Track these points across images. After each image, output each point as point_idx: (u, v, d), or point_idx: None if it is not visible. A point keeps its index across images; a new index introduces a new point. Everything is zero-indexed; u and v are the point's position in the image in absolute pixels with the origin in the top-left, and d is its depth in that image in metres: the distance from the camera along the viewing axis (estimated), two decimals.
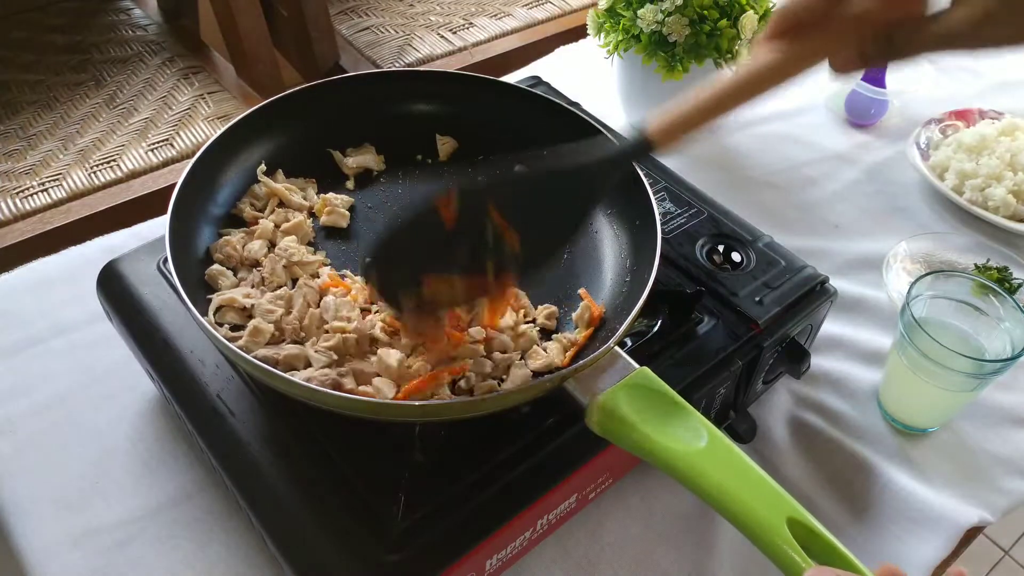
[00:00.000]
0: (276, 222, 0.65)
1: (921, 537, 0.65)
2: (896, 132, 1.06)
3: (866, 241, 0.91)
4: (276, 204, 0.67)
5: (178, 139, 1.27)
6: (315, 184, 0.70)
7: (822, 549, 0.42)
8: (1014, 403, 0.75)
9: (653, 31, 0.88)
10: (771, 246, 0.70)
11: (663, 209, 0.73)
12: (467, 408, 0.50)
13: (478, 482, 0.53)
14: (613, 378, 0.50)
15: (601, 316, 0.60)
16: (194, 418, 0.58)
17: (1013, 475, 0.70)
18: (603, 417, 0.48)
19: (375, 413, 0.49)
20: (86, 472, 0.65)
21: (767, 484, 0.44)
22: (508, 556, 0.56)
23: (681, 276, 0.67)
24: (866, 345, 0.79)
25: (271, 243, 0.64)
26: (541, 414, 0.56)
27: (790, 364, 0.67)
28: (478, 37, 1.54)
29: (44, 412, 0.69)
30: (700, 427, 0.47)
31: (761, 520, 0.43)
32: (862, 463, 0.69)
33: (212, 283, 0.60)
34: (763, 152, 1.03)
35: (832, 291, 0.68)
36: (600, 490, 0.62)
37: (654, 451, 0.46)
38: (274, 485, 0.54)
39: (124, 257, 0.67)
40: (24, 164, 1.21)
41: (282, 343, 0.57)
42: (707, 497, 0.44)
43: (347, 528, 0.51)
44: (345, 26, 1.56)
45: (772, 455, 0.70)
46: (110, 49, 1.46)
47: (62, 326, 0.76)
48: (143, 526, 0.62)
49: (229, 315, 0.58)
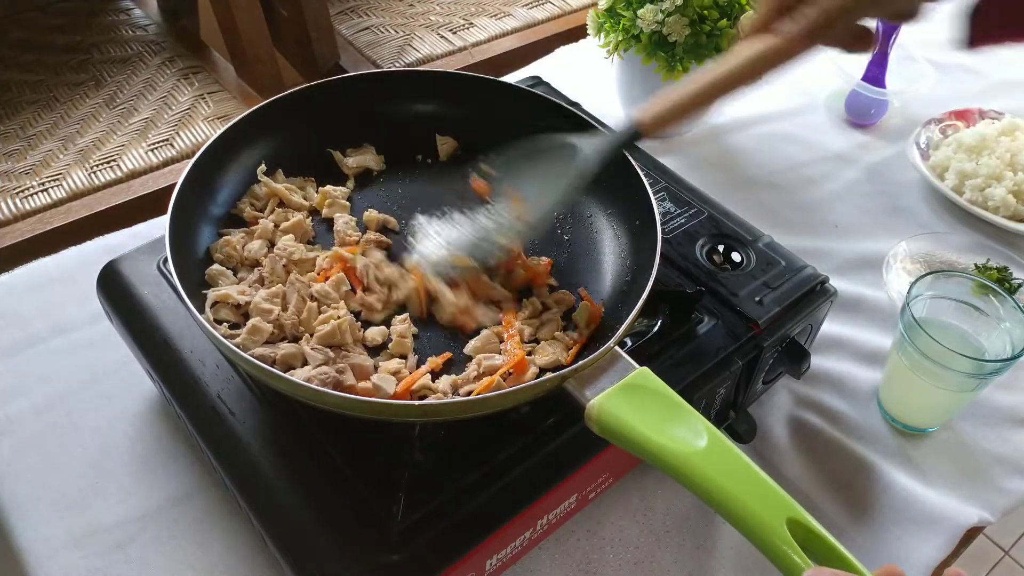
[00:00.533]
0: (276, 222, 0.65)
1: (921, 537, 0.65)
2: (896, 132, 1.06)
3: (866, 241, 0.91)
4: (276, 204, 0.67)
5: (178, 139, 1.27)
6: (315, 183, 0.70)
7: (821, 549, 0.42)
8: (1014, 403, 0.75)
9: (653, 31, 0.88)
10: (771, 246, 0.70)
11: (663, 209, 0.73)
12: (466, 408, 0.50)
13: (478, 482, 0.53)
14: (613, 378, 0.50)
15: (600, 316, 0.60)
16: (194, 418, 0.58)
17: (1013, 475, 0.70)
18: (603, 417, 0.48)
19: (374, 413, 0.49)
20: (86, 472, 0.65)
21: (767, 484, 0.44)
22: (508, 556, 0.56)
23: (681, 276, 0.67)
24: (866, 345, 0.79)
25: (271, 243, 0.64)
26: (541, 414, 0.56)
27: (790, 364, 0.67)
28: (478, 37, 1.54)
29: (44, 412, 0.69)
30: (700, 427, 0.47)
31: (760, 520, 0.43)
32: (862, 463, 0.69)
33: (212, 283, 0.60)
34: (763, 152, 1.03)
35: (832, 291, 0.68)
36: (600, 490, 0.62)
37: (653, 451, 0.46)
38: (274, 485, 0.54)
39: (124, 257, 0.67)
40: (24, 164, 1.21)
41: (281, 341, 0.57)
42: (706, 498, 0.44)
43: (347, 528, 0.51)
44: (345, 26, 1.56)
45: (772, 455, 0.70)
46: (110, 49, 1.46)
47: (62, 326, 0.76)
48: (143, 526, 0.62)
49: (224, 312, 0.58)
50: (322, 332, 0.56)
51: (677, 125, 0.53)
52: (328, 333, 0.56)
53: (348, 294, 0.60)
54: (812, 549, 0.42)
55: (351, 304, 0.60)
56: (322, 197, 0.67)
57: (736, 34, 0.88)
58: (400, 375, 0.56)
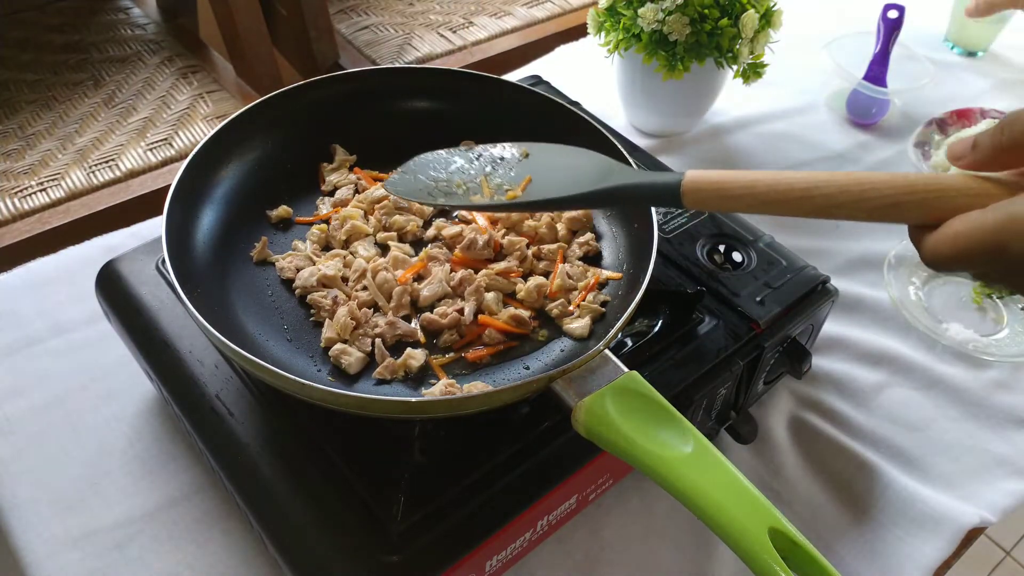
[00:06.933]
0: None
1: (922, 538, 0.65)
2: (897, 132, 1.06)
3: (867, 241, 0.90)
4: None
5: (177, 138, 1.27)
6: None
7: (804, 561, 0.42)
8: (1014, 403, 0.75)
9: (654, 30, 0.88)
10: (772, 246, 0.70)
11: (664, 209, 0.73)
12: (454, 406, 0.50)
13: (478, 483, 0.53)
14: (601, 381, 0.50)
15: (597, 280, 0.63)
16: (193, 418, 0.58)
17: (1014, 475, 0.70)
18: (589, 420, 0.48)
19: (362, 408, 0.49)
20: (85, 472, 0.65)
21: (750, 493, 0.44)
22: (508, 557, 0.56)
23: (682, 276, 0.67)
24: (867, 345, 0.79)
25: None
26: (541, 414, 0.56)
27: (791, 364, 0.67)
28: (478, 36, 1.53)
29: (43, 412, 0.69)
30: (687, 433, 0.46)
31: (742, 529, 0.42)
32: (863, 464, 0.69)
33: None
34: (764, 151, 1.02)
35: (833, 291, 0.68)
36: (600, 491, 0.62)
37: (638, 455, 0.46)
38: (273, 485, 0.53)
39: (123, 257, 0.67)
40: (23, 164, 1.21)
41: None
42: (689, 504, 0.44)
43: (347, 528, 0.51)
44: (344, 25, 1.56)
45: (773, 455, 0.70)
46: (109, 48, 1.46)
47: (61, 326, 0.76)
48: (142, 527, 0.62)
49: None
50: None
51: (728, 209, 0.46)
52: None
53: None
54: (794, 560, 0.42)
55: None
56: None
57: (736, 33, 0.87)
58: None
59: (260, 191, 0.67)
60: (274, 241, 0.66)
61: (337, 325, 0.58)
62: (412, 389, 0.56)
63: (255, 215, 0.67)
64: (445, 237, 0.66)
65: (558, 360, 0.58)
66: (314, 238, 0.65)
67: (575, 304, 0.61)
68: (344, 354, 0.57)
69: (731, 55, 0.89)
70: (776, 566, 0.41)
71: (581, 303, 0.61)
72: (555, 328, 0.61)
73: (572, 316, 0.61)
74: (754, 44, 0.90)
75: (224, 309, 0.59)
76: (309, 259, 0.64)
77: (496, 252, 0.65)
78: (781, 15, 0.91)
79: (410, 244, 0.66)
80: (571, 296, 0.62)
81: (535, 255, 0.65)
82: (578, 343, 0.59)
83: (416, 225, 0.67)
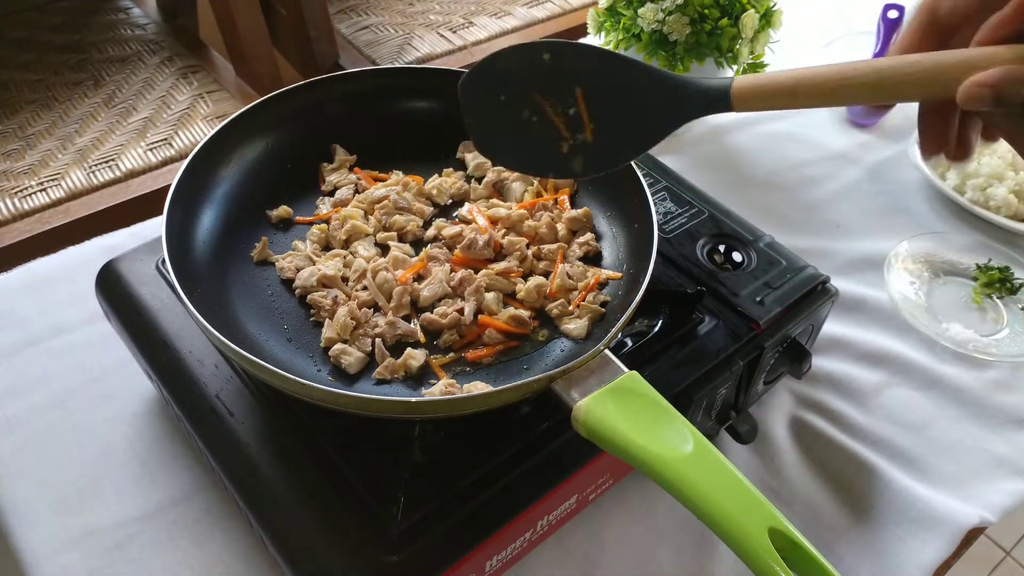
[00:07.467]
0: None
1: (922, 538, 0.65)
2: (898, 131, 1.06)
3: (867, 241, 0.90)
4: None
5: (177, 138, 1.27)
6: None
7: (804, 561, 0.42)
8: (1014, 403, 0.75)
9: (654, 30, 0.88)
10: (772, 246, 0.70)
11: (664, 209, 0.73)
12: (454, 406, 0.50)
13: (478, 483, 0.53)
14: (601, 381, 0.50)
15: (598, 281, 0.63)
16: (193, 418, 0.58)
17: (1014, 475, 0.70)
18: (589, 420, 0.48)
19: (362, 408, 0.49)
20: (85, 473, 0.65)
21: (750, 493, 0.44)
22: (508, 557, 0.56)
23: (682, 276, 0.67)
24: (867, 345, 0.78)
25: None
26: (541, 414, 0.56)
27: (791, 364, 0.67)
28: (478, 36, 1.53)
29: (43, 413, 0.69)
30: (687, 433, 0.46)
31: (741, 529, 0.42)
32: (863, 464, 0.69)
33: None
34: (764, 152, 1.02)
35: (833, 291, 0.68)
36: (600, 491, 0.62)
37: (638, 455, 0.46)
38: (273, 485, 0.53)
39: (123, 257, 0.67)
40: (23, 164, 1.21)
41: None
42: (689, 504, 0.44)
43: (347, 528, 0.51)
44: (344, 25, 1.56)
45: (773, 455, 0.70)
46: (109, 48, 1.46)
47: (61, 326, 0.76)
48: (142, 527, 0.62)
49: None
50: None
51: (776, 107, 0.45)
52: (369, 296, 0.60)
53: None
54: (794, 560, 0.42)
55: None
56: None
57: (737, 33, 0.87)
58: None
59: (260, 191, 0.68)
60: (274, 241, 0.66)
61: (337, 325, 0.58)
62: (412, 389, 0.56)
63: (255, 215, 0.67)
64: (445, 237, 0.66)
65: (558, 360, 0.58)
66: (314, 238, 0.65)
67: (575, 304, 0.61)
68: (344, 354, 0.57)
69: (731, 55, 0.89)
70: (776, 566, 0.41)
71: (581, 303, 0.61)
72: (555, 328, 0.61)
73: (572, 316, 0.61)
74: (754, 44, 0.90)
75: (224, 309, 0.59)
76: (309, 259, 0.64)
77: (496, 252, 0.65)
78: (781, 15, 0.91)
79: (410, 244, 0.66)
80: (571, 296, 0.62)
81: (535, 255, 0.65)
82: (578, 343, 0.60)
83: (416, 225, 0.67)
